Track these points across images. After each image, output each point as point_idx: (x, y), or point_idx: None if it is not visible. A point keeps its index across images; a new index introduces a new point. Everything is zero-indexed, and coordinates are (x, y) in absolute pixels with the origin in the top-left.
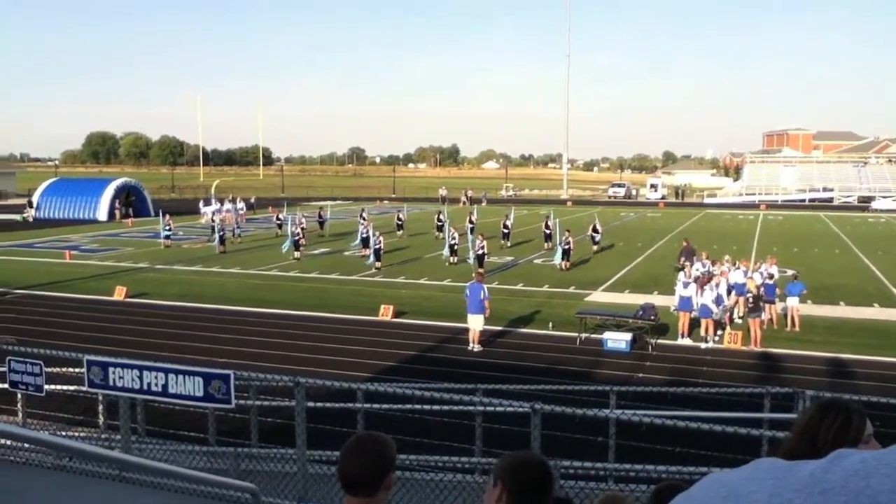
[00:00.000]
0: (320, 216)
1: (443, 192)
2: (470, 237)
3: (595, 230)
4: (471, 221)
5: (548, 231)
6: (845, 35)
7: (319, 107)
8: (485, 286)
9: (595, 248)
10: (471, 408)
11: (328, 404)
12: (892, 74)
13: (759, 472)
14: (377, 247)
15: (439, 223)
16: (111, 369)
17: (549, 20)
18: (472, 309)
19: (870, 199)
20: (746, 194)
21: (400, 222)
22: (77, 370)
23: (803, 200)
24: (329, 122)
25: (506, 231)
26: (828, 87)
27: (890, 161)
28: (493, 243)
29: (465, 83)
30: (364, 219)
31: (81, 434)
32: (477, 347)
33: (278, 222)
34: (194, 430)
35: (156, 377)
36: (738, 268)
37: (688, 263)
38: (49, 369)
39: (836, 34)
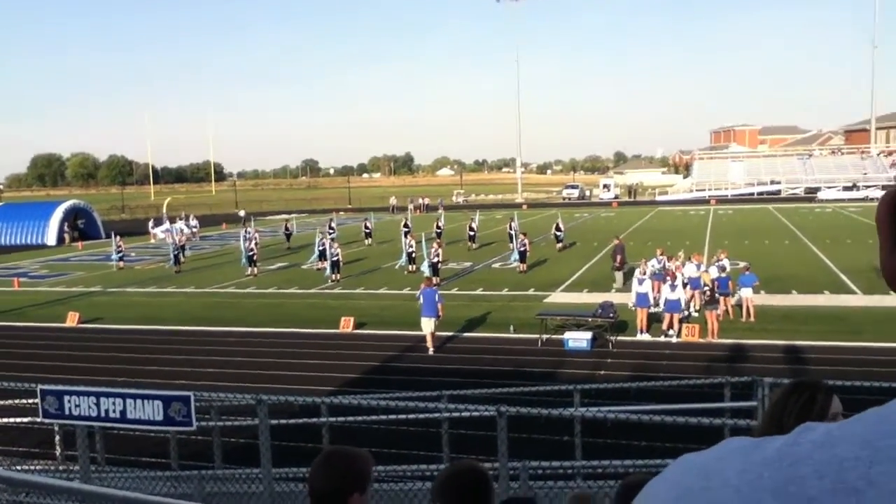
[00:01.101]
0: (287, 228)
1: (393, 201)
2: (424, 245)
3: (558, 228)
4: (438, 227)
5: (512, 232)
6: (787, 33)
7: (270, 120)
8: (438, 291)
9: (559, 245)
10: (436, 415)
11: (292, 420)
12: (832, 69)
13: (728, 450)
14: (335, 259)
15: (406, 229)
16: (66, 398)
17: (498, 26)
18: (426, 312)
19: (816, 190)
20: (696, 190)
21: (368, 230)
22: (31, 401)
23: (752, 194)
24: (281, 135)
25: (472, 234)
26: (771, 83)
27: (833, 153)
28: (456, 248)
29: (416, 91)
30: (332, 229)
31: (38, 467)
32: (431, 350)
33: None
34: (156, 455)
35: (113, 403)
36: (692, 262)
37: (643, 260)
38: (0, 402)
39: (778, 32)
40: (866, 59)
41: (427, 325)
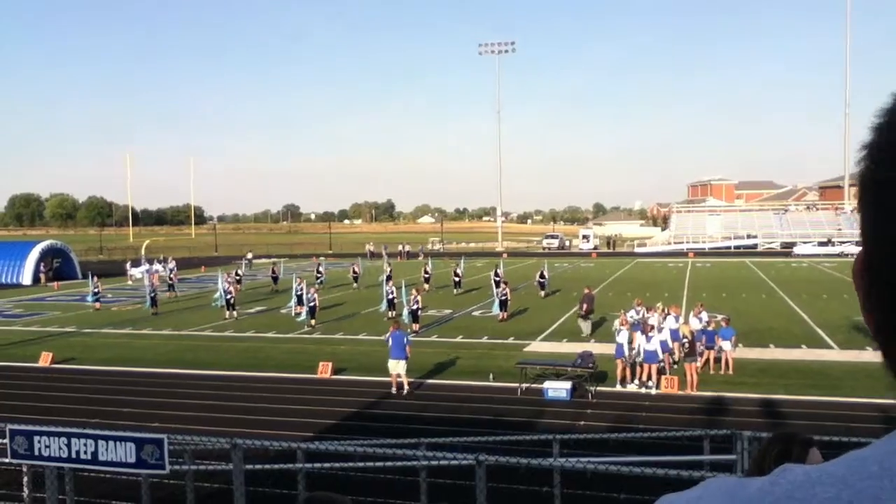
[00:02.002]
0: (273, 272)
1: (370, 247)
2: (404, 292)
3: (542, 276)
4: (426, 273)
5: (497, 279)
6: (763, 90)
7: (252, 164)
8: (407, 333)
9: (543, 292)
10: (414, 463)
11: (267, 466)
12: (806, 126)
13: (709, 490)
14: (311, 304)
15: (388, 273)
16: (36, 438)
17: (481, 77)
18: (395, 354)
19: (791, 244)
20: (675, 243)
21: (356, 275)
22: None
23: (729, 247)
24: (263, 180)
25: (457, 279)
26: (747, 138)
27: (808, 208)
28: (441, 294)
29: (398, 139)
30: (321, 272)
31: None
32: (406, 390)
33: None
34: (127, 498)
35: (85, 444)
36: (669, 314)
37: (622, 311)
38: None
39: (755, 89)
40: (839, 117)
41: (394, 367)
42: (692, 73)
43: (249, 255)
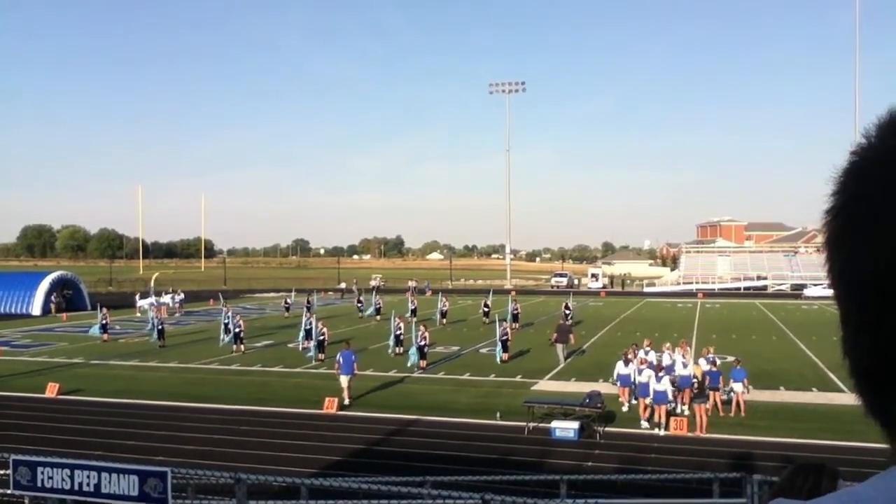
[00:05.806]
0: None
1: (373, 282)
2: (413, 327)
3: (567, 307)
4: (443, 306)
5: (516, 312)
6: (772, 134)
7: (263, 199)
8: (354, 353)
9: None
10: (419, 501)
11: (271, 502)
12: (816, 169)
13: None
14: (320, 338)
15: (413, 306)
16: (40, 469)
17: (490, 116)
18: (345, 371)
19: (802, 286)
20: (684, 283)
21: (378, 306)
22: (2, 472)
23: (739, 288)
24: (273, 215)
25: (486, 310)
26: (757, 180)
27: (818, 250)
28: (449, 330)
29: (408, 176)
30: (361, 302)
31: None
32: (348, 402)
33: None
34: None
35: (88, 476)
36: (681, 355)
37: (633, 347)
38: None
39: (764, 130)
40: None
41: (344, 382)
42: (702, 114)
43: (343, 285)
